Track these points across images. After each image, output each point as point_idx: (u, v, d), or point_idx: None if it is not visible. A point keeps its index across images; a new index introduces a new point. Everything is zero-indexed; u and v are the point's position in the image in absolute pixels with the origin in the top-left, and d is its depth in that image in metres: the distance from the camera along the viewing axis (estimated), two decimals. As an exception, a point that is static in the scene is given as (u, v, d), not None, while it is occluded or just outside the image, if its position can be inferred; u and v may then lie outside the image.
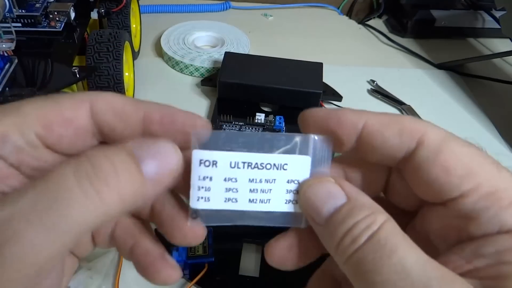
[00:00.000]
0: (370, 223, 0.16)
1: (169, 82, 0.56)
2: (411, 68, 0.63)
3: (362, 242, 0.16)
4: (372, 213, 0.17)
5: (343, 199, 0.18)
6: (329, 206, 0.17)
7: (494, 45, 0.70)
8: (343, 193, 0.18)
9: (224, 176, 0.18)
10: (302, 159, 0.19)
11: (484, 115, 0.55)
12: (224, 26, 0.64)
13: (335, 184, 0.18)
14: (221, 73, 0.50)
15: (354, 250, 0.16)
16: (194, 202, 0.19)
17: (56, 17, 0.46)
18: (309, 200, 0.18)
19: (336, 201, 0.17)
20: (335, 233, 0.17)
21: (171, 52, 0.57)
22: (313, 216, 0.18)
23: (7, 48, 0.39)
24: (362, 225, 0.16)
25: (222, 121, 0.45)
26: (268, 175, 0.18)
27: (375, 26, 0.71)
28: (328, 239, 0.17)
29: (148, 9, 0.68)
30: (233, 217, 0.19)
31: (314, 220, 0.18)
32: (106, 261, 0.34)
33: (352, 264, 0.16)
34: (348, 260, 0.16)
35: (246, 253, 0.36)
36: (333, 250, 0.17)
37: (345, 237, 0.16)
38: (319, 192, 0.18)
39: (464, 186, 0.16)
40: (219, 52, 0.58)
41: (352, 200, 0.17)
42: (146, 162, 0.17)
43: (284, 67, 0.51)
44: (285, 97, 0.49)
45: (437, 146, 0.17)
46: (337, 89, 0.53)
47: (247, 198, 0.19)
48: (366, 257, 0.15)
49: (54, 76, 0.41)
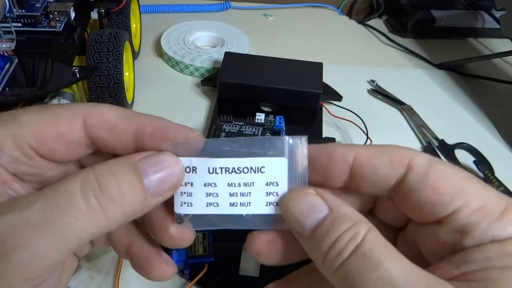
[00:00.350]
0: (354, 235, 0.16)
1: (169, 82, 0.56)
2: (411, 68, 0.63)
3: (347, 255, 0.16)
4: (355, 224, 0.17)
5: (325, 211, 0.18)
6: (312, 219, 0.18)
7: (494, 45, 0.70)
8: (325, 204, 0.18)
9: (204, 181, 0.19)
10: (278, 161, 0.19)
11: (484, 115, 0.55)
12: (224, 26, 0.64)
13: (316, 196, 0.18)
14: (221, 73, 0.50)
15: (340, 264, 0.16)
16: (178, 208, 0.19)
17: (56, 17, 0.46)
18: (291, 214, 0.18)
19: (319, 213, 0.18)
20: (320, 246, 0.17)
21: (171, 52, 0.57)
22: (297, 230, 0.18)
23: (7, 48, 0.39)
24: (346, 237, 0.16)
25: (222, 121, 0.45)
26: (246, 178, 0.19)
27: (375, 26, 0.71)
28: (314, 252, 0.17)
29: (148, 9, 0.68)
30: (217, 221, 0.19)
31: (299, 233, 0.18)
32: (106, 260, 0.34)
33: (339, 277, 0.16)
34: (335, 273, 0.16)
35: (246, 253, 0.36)
36: (320, 263, 0.17)
37: (330, 250, 0.17)
38: (301, 206, 0.18)
39: (456, 203, 0.17)
40: (219, 52, 0.58)
41: (334, 211, 0.18)
42: (150, 178, 0.17)
43: (284, 67, 0.51)
44: (285, 97, 0.49)
45: (425, 169, 0.18)
46: (337, 89, 0.53)
47: (227, 202, 0.19)
48: (352, 270, 0.16)
49: (54, 76, 0.41)
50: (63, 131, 0.18)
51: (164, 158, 0.18)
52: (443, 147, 0.48)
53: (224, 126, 0.45)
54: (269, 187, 0.19)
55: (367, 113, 0.50)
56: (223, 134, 0.44)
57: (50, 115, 0.18)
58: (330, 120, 0.51)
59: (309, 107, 0.50)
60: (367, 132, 0.48)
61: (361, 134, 0.48)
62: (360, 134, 0.48)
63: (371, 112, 0.52)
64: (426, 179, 0.18)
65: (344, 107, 0.51)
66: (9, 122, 0.18)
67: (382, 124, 0.51)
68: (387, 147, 0.19)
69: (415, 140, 0.50)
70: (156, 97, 0.53)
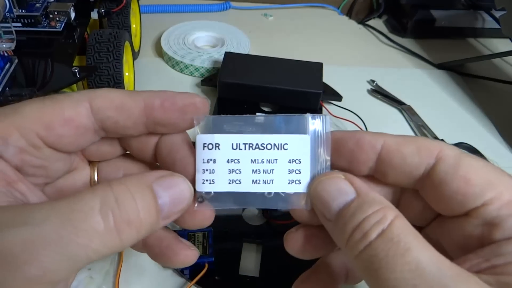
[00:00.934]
0: (380, 218, 0.16)
1: (169, 82, 0.56)
2: (411, 68, 0.63)
3: (373, 237, 0.16)
4: (382, 208, 0.17)
5: (352, 194, 0.18)
6: (338, 201, 0.18)
7: (494, 45, 0.70)
8: (352, 189, 0.18)
9: (227, 157, 0.19)
10: (301, 138, 0.19)
11: (484, 115, 0.55)
12: (224, 26, 0.64)
13: (344, 180, 0.18)
14: (221, 73, 0.50)
15: (365, 246, 0.16)
16: (199, 185, 0.19)
17: (56, 17, 0.46)
18: (319, 196, 0.18)
19: (346, 196, 0.18)
20: (345, 228, 0.17)
21: (171, 52, 0.57)
22: (323, 212, 0.18)
23: (7, 48, 0.39)
24: (372, 220, 0.16)
25: None
26: (269, 155, 0.19)
27: (375, 26, 0.71)
28: (338, 234, 0.17)
29: (148, 9, 0.68)
30: (239, 200, 0.19)
31: (324, 215, 0.18)
32: (106, 260, 0.34)
33: (363, 260, 0.16)
34: (359, 256, 0.16)
35: (246, 253, 0.36)
36: (343, 245, 0.17)
37: (355, 232, 0.16)
38: (329, 188, 0.18)
39: (486, 195, 0.17)
40: (219, 52, 0.58)
41: (361, 195, 0.18)
42: (164, 201, 0.17)
43: (284, 67, 0.51)
44: (285, 97, 0.49)
45: (455, 160, 0.18)
46: (337, 89, 0.53)
47: (250, 179, 0.19)
48: (378, 254, 0.15)
49: (54, 76, 0.41)
50: (70, 116, 0.18)
51: (178, 182, 0.18)
52: (443, 147, 0.48)
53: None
54: (292, 165, 0.19)
55: (367, 113, 0.50)
56: None
57: (54, 103, 0.18)
58: (330, 120, 0.51)
59: (309, 107, 0.50)
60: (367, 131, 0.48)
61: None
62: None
63: (371, 112, 0.52)
64: (457, 170, 0.17)
65: (344, 107, 0.51)
66: (12, 114, 0.17)
67: (382, 124, 0.51)
68: (416, 137, 0.19)
69: (415, 140, 0.50)
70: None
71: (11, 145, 0.17)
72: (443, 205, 0.18)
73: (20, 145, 0.17)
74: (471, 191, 0.17)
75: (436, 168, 0.18)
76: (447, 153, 0.18)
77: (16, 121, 0.17)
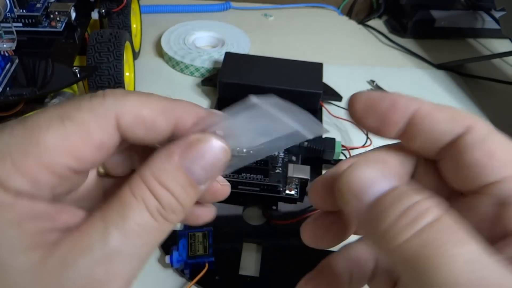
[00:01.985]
0: (432, 205, 0.15)
1: (169, 82, 0.56)
2: (411, 68, 0.63)
3: (425, 223, 0.14)
4: (431, 197, 0.15)
5: (393, 182, 0.16)
6: (379, 186, 0.16)
7: (493, 45, 0.70)
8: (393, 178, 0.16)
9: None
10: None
11: (484, 115, 0.55)
12: (224, 26, 0.64)
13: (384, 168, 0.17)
14: (221, 73, 0.50)
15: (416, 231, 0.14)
16: None
17: (57, 17, 0.46)
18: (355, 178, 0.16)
19: (385, 184, 0.16)
20: (385, 213, 0.15)
21: (172, 52, 0.57)
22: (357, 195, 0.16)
23: (8, 48, 0.39)
24: (423, 205, 0.15)
25: None
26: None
27: (375, 27, 0.71)
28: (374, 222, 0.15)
29: (148, 9, 0.69)
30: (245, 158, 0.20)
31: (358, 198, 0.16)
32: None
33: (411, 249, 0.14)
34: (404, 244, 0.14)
35: (246, 253, 0.36)
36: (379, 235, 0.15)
37: (401, 218, 0.15)
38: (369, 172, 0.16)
39: (506, 171, 0.16)
40: (219, 52, 0.58)
41: (403, 185, 0.16)
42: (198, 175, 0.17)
43: (284, 67, 0.52)
44: (285, 97, 0.49)
45: (485, 134, 0.17)
46: (337, 89, 0.53)
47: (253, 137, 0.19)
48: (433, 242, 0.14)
49: (55, 76, 0.41)
50: (99, 141, 0.16)
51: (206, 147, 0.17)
52: (442, 147, 0.48)
53: None
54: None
55: (367, 113, 0.50)
56: None
57: (78, 127, 0.16)
58: (330, 120, 0.51)
59: (309, 107, 0.50)
60: (367, 132, 0.48)
61: (361, 134, 0.48)
62: (360, 134, 0.48)
63: (371, 112, 0.52)
64: (484, 143, 0.17)
65: (344, 107, 0.52)
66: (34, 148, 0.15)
67: (382, 124, 0.51)
68: (452, 107, 0.18)
69: (414, 140, 0.50)
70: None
71: (44, 185, 0.16)
72: (460, 176, 0.18)
73: (52, 183, 0.16)
74: (492, 164, 0.17)
75: (464, 137, 0.17)
76: (480, 125, 0.17)
77: (42, 158, 0.15)
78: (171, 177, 0.17)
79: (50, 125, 0.16)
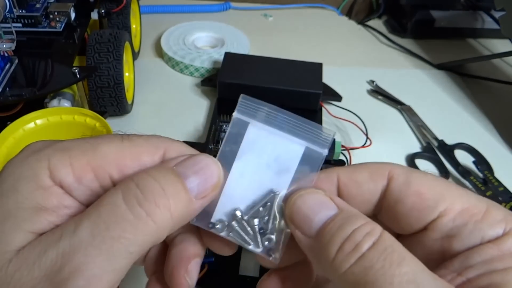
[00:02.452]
0: (370, 230, 0.16)
1: (169, 82, 0.56)
2: (411, 68, 0.63)
3: (365, 248, 0.15)
4: (368, 222, 0.16)
5: (334, 209, 0.17)
6: (321, 215, 0.17)
7: (493, 45, 0.70)
8: (334, 204, 0.18)
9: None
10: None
11: (483, 115, 0.55)
12: (224, 26, 0.64)
13: (325, 195, 0.18)
14: (220, 73, 0.50)
15: (358, 258, 0.15)
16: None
17: (57, 18, 0.46)
18: (299, 210, 0.18)
19: (329, 211, 0.17)
20: (330, 242, 0.16)
21: (171, 53, 0.57)
22: (303, 228, 0.17)
23: (7, 48, 0.39)
24: (362, 231, 0.16)
25: (222, 121, 0.45)
26: None
27: (374, 27, 0.71)
28: (322, 250, 0.17)
29: (148, 9, 0.68)
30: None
31: (304, 231, 0.17)
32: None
33: (355, 274, 0.15)
34: (350, 270, 0.15)
35: (246, 253, 0.36)
36: (328, 262, 0.16)
37: (345, 244, 0.16)
38: (311, 202, 0.18)
39: (440, 207, 0.17)
40: (219, 52, 0.58)
41: (345, 210, 0.17)
42: (191, 179, 0.17)
43: (284, 67, 0.51)
44: (285, 97, 0.49)
45: (405, 177, 0.18)
46: (336, 89, 0.53)
47: None
48: (373, 265, 0.15)
49: (54, 76, 0.41)
50: (145, 163, 0.18)
51: (200, 159, 0.18)
52: (442, 148, 0.48)
53: (224, 126, 0.45)
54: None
55: (366, 113, 0.50)
56: (222, 134, 0.44)
57: (132, 146, 0.18)
58: (330, 120, 0.51)
59: (309, 107, 0.50)
60: (367, 132, 0.48)
61: (361, 134, 0.48)
62: (360, 134, 0.48)
63: (370, 112, 0.52)
64: (408, 186, 0.18)
65: (343, 107, 0.51)
66: (91, 151, 0.17)
67: (382, 125, 0.51)
68: (365, 163, 0.19)
69: (414, 141, 0.50)
70: (156, 98, 0.53)
71: (84, 185, 0.17)
72: (402, 223, 0.18)
73: (92, 186, 0.17)
74: (425, 204, 0.17)
75: (389, 188, 0.18)
76: (397, 172, 0.18)
77: (94, 161, 0.17)
78: (161, 173, 0.17)
79: (112, 140, 0.18)
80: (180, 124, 0.49)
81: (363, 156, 0.46)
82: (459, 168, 0.46)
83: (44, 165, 0.17)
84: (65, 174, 0.17)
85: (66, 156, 0.17)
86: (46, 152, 0.17)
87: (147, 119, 0.49)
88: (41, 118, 0.38)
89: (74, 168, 0.17)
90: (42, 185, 0.16)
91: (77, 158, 0.17)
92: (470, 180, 0.44)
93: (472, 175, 0.44)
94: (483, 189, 0.43)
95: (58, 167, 0.17)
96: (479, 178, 0.44)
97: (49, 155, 0.17)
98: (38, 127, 0.38)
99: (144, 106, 0.51)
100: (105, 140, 0.18)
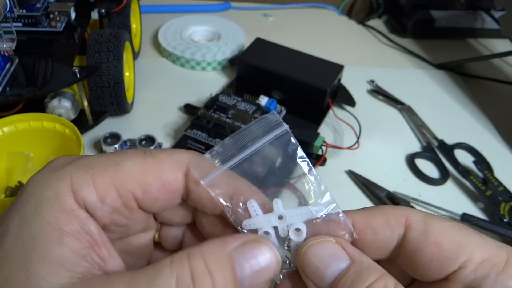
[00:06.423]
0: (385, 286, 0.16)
1: (169, 82, 0.56)
2: (411, 68, 0.63)
3: None
4: (382, 276, 0.16)
5: (347, 260, 0.17)
6: (332, 269, 0.17)
7: (493, 45, 0.70)
8: (345, 254, 0.17)
9: None
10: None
11: (483, 115, 0.55)
12: (220, 20, 0.65)
13: (336, 244, 0.17)
14: (243, 53, 0.53)
15: None
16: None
17: (57, 17, 0.46)
18: (310, 262, 0.17)
19: (340, 263, 0.17)
20: None
21: (171, 48, 0.58)
22: (315, 280, 0.17)
23: (8, 48, 0.39)
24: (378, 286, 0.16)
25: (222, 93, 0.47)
26: None
27: (374, 27, 0.72)
28: None
29: (148, 9, 0.68)
30: None
31: (316, 284, 0.17)
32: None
33: None
34: None
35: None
36: None
37: None
38: (321, 253, 0.17)
39: (461, 257, 0.17)
40: (217, 45, 0.58)
41: (356, 261, 0.17)
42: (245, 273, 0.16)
43: (306, 61, 0.53)
44: (294, 88, 0.51)
45: (423, 226, 0.18)
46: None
47: None
48: None
49: (54, 76, 0.41)
50: (168, 180, 0.18)
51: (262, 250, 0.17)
52: (442, 147, 0.48)
53: (221, 97, 0.46)
54: None
55: (366, 113, 0.50)
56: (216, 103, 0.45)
57: (155, 162, 0.18)
58: (330, 120, 0.51)
59: (316, 103, 0.50)
60: (360, 135, 0.48)
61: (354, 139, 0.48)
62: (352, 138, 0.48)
63: (370, 112, 0.52)
64: (427, 236, 0.17)
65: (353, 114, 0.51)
66: (113, 168, 0.17)
67: (382, 125, 0.51)
68: (380, 208, 0.19)
69: (414, 141, 0.50)
70: (156, 98, 0.53)
71: (107, 204, 0.17)
72: (421, 272, 0.18)
73: (115, 206, 0.17)
74: (445, 255, 0.17)
75: (407, 237, 0.18)
76: (414, 219, 0.18)
77: (117, 179, 0.17)
78: (218, 263, 0.16)
79: (134, 156, 0.18)
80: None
81: (363, 156, 0.47)
82: (459, 168, 0.46)
83: (67, 185, 0.16)
84: (88, 193, 0.16)
85: (89, 174, 0.16)
86: (68, 170, 0.17)
87: (147, 119, 0.49)
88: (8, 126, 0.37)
89: (97, 187, 0.16)
90: (65, 208, 0.16)
91: (100, 176, 0.17)
92: (470, 179, 0.44)
93: (472, 174, 0.44)
94: (483, 188, 0.43)
95: (81, 187, 0.16)
96: (479, 178, 0.44)
97: (71, 173, 0.16)
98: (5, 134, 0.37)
99: (144, 106, 0.51)
100: (128, 157, 0.17)
